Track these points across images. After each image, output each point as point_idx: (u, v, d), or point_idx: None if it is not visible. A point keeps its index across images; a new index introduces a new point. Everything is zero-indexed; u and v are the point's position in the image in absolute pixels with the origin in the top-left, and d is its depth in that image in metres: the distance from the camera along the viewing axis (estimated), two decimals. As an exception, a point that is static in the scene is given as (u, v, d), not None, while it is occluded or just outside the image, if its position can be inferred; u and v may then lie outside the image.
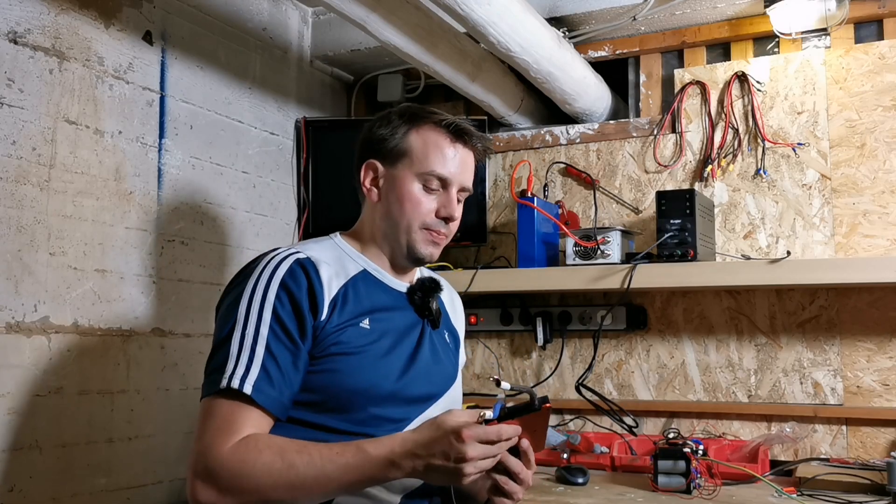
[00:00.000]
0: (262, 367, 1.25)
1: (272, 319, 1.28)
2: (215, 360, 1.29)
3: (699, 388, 2.40)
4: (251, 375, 1.24)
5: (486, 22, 1.94)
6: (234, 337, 1.28)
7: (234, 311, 1.30)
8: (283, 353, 1.28)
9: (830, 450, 2.21)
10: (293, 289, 1.31)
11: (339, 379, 1.32)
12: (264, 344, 1.27)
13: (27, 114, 1.86)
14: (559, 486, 2.04)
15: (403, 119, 1.44)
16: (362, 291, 1.40)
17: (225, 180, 2.41)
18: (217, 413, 1.25)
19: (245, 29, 2.51)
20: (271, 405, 1.25)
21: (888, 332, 2.20)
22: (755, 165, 2.37)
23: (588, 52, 2.57)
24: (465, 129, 1.45)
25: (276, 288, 1.30)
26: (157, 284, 2.17)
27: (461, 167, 1.44)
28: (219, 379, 1.25)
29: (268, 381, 1.25)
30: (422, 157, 1.42)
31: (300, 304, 1.30)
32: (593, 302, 2.53)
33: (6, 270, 1.80)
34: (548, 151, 2.66)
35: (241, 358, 1.26)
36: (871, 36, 2.30)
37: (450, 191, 1.43)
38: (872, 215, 2.24)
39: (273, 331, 1.28)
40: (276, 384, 1.26)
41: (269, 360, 1.26)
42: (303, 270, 1.33)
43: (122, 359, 2.06)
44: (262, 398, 1.24)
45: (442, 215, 1.43)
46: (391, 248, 1.46)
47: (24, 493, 1.80)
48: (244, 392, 1.23)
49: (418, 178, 1.42)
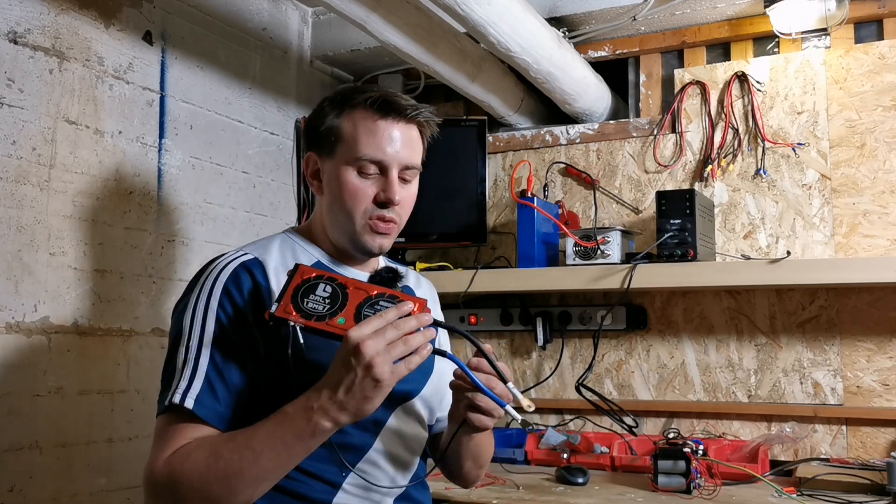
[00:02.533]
0: (206, 380, 1.19)
1: (216, 328, 1.22)
2: (163, 377, 1.24)
3: (699, 388, 2.40)
4: (193, 389, 1.18)
5: (486, 22, 1.94)
6: (179, 352, 1.22)
7: (180, 324, 1.25)
8: (227, 365, 1.21)
9: (830, 450, 2.21)
10: (235, 295, 1.24)
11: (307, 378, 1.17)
12: (208, 355, 1.20)
13: (27, 114, 1.86)
14: (559, 486, 2.04)
15: (333, 105, 1.34)
16: None
17: (225, 180, 2.41)
18: (158, 431, 1.20)
19: (245, 29, 2.51)
20: (213, 418, 1.18)
21: (888, 332, 2.20)
22: (755, 165, 2.37)
23: (588, 52, 2.57)
24: (393, 103, 1.31)
25: (218, 295, 1.24)
26: (157, 284, 2.17)
27: (398, 144, 1.31)
28: (164, 397, 1.20)
29: (211, 393, 1.18)
30: (352, 141, 1.30)
31: (244, 310, 1.23)
32: (593, 302, 2.53)
33: (6, 270, 1.80)
34: (548, 151, 2.66)
35: (185, 372, 1.20)
36: (871, 36, 2.30)
37: (389, 173, 1.31)
38: (872, 215, 2.24)
39: (217, 341, 1.21)
40: (221, 397, 1.19)
41: (214, 372, 1.20)
42: (247, 272, 1.26)
43: (122, 359, 2.06)
44: (203, 411, 1.17)
45: (380, 200, 1.31)
46: (340, 240, 1.36)
47: (24, 493, 1.80)
48: (185, 406, 1.17)
49: (352, 165, 1.30)
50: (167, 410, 1.20)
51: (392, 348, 1.09)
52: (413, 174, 1.36)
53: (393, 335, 1.09)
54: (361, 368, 1.07)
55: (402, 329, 1.10)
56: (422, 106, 1.35)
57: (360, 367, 1.07)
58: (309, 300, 1.17)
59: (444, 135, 1.44)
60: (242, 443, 1.14)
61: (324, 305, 1.16)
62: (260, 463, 1.12)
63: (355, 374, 1.08)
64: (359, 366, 1.07)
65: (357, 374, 1.08)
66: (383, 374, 1.07)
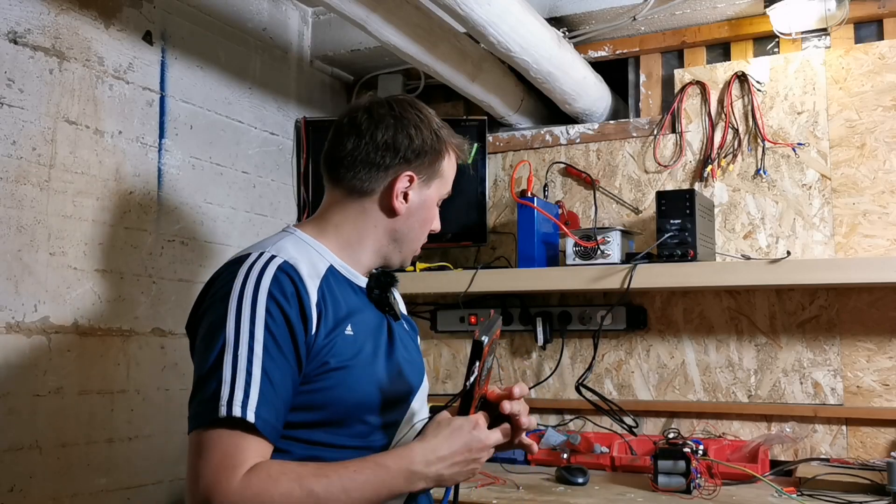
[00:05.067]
0: (261, 392, 1.14)
1: (265, 336, 1.17)
2: (206, 387, 1.15)
3: (699, 388, 2.40)
4: (251, 401, 1.13)
5: (486, 22, 1.94)
6: (226, 360, 1.15)
7: (221, 332, 1.18)
8: (278, 374, 1.17)
9: (830, 450, 2.21)
10: (281, 301, 1.20)
11: (337, 394, 1.24)
12: (260, 365, 1.16)
13: (27, 114, 1.86)
14: (559, 486, 2.04)
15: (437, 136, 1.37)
16: (336, 291, 1.30)
17: (225, 180, 2.41)
18: (216, 445, 1.12)
19: (245, 29, 2.51)
20: (270, 432, 1.15)
21: (888, 332, 2.20)
22: (755, 165, 2.37)
23: (588, 52, 2.57)
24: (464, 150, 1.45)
25: (264, 301, 1.19)
26: (157, 284, 2.17)
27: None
28: (214, 408, 1.12)
29: (267, 406, 1.14)
30: (447, 180, 1.40)
31: (290, 317, 1.20)
32: (593, 302, 2.53)
33: (6, 270, 1.80)
34: (548, 151, 2.66)
35: (238, 382, 1.14)
36: (871, 36, 2.30)
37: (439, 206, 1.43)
38: (872, 215, 2.24)
39: (267, 350, 1.17)
40: (275, 409, 1.16)
41: (266, 383, 1.15)
42: (287, 277, 1.22)
43: (122, 359, 2.06)
44: (263, 425, 1.14)
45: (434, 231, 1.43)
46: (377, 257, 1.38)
47: (24, 493, 1.80)
48: (247, 420, 1.12)
49: (438, 199, 1.40)
50: (216, 424, 1.13)
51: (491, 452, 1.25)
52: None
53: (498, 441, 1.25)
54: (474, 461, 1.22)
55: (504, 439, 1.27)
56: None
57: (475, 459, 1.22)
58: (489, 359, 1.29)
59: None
60: (337, 485, 1.15)
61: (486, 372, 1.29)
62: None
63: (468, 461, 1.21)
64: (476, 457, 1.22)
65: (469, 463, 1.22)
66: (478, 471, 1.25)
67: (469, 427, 1.21)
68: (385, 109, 1.35)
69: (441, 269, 2.50)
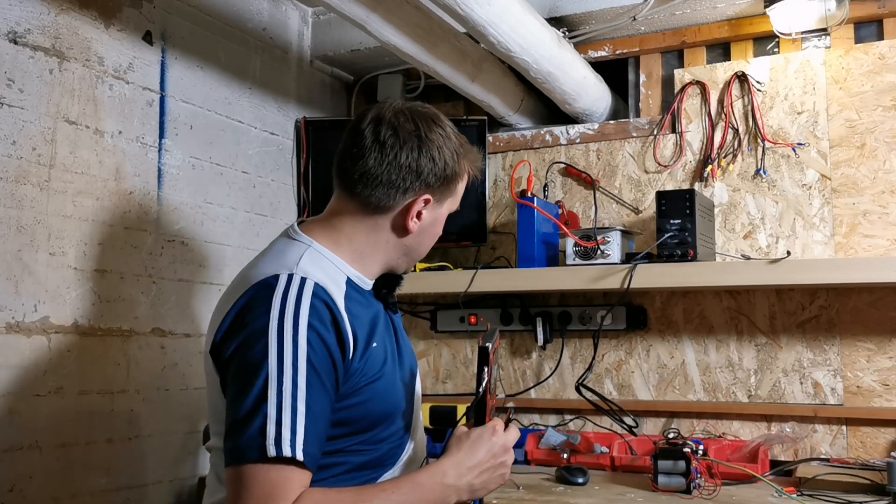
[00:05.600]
0: (307, 429, 1.14)
1: (308, 370, 1.16)
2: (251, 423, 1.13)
3: (699, 388, 2.40)
4: (299, 439, 1.13)
5: (486, 22, 1.94)
6: (270, 396, 1.14)
7: (264, 366, 1.16)
8: (319, 407, 1.18)
9: (830, 450, 2.21)
10: (321, 331, 1.19)
11: (370, 408, 1.28)
12: (304, 400, 1.15)
13: (27, 114, 1.86)
14: (559, 486, 2.04)
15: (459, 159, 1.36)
16: (357, 304, 1.30)
17: (225, 180, 2.41)
18: (263, 480, 1.12)
19: (245, 29, 2.51)
20: (313, 464, 1.16)
21: (888, 332, 2.20)
22: (755, 165, 2.37)
23: (588, 52, 2.57)
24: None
25: (305, 333, 1.18)
26: (157, 284, 2.17)
27: None
28: (261, 445, 1.12)
29: (312, 440, 1.15)
30: (459, 197, 1.42)
31: (329, 346, 1.20)
32: (593, 302, 2.53)
33: (6, 270, 1.80)
34: (548, 151, 2.65)
35: (284, 420, 1.13)
36: (871, 36, 2.30)
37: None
38: (872, 215, 2.24)
39: (310, 384, 1.16)
40: (318, 441, 1.17)
41: (311, 417, 1.16)
42: (324, 304, 1.22)
43: (122, 359, 2.06)
44: (310, 461, 1.15)
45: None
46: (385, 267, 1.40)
47: (24, 493, 1.80)
48: (297, 459, 1.12)
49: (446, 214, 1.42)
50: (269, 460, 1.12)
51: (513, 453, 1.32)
52: None
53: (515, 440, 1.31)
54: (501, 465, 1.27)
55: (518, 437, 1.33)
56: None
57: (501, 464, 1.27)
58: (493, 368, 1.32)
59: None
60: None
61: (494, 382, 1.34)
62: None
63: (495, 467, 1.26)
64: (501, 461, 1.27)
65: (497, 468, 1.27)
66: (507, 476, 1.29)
67: (489, 434, 1.26)
68: (411, 127, 1.31)
69: (441, 269, 2.50)
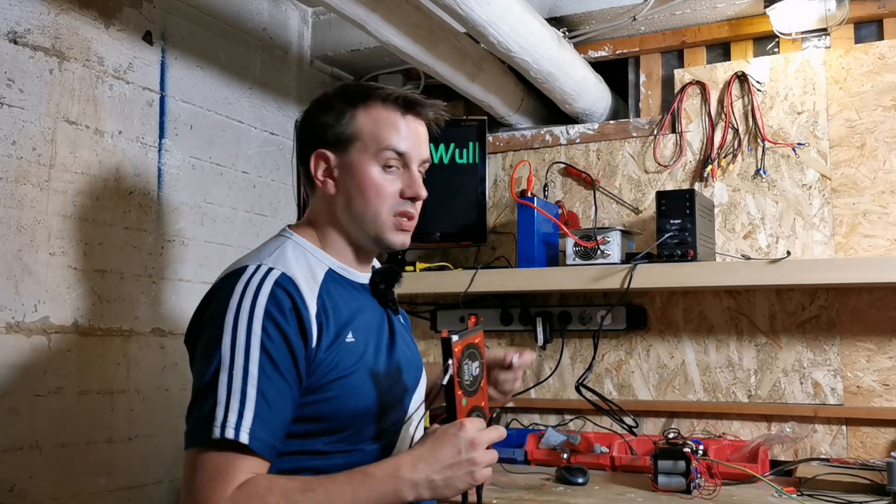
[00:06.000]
0: (256, 413, 1.14)
1: (261, 356, 1.16)
2: (201, 406, 1.16)
3: (699, 388, 2.40)
4: (245, 423, 1.13)
5: (486, 22, 1.94)
6: (221, 380, 1.15)
7: (217, 350, 1.17)
8: (275, 393, 1.16)
9: (830, 450, 2.21)
10: (279, 318, 1.19)
11: (340, 404, 1.24)
12: (255, 386, 1.15)
13: (27, 114, 1.86)
14: (559, 486, 2.04)
15: (346, 101, 1.32)
16: (336, 296, 1.29)
17: (225, 180, 2.41)
18: (209, 464, 1.13)
19: (245, 29, 2.51)
20: (266, 451, 1.15)
21: (888, 332, 2.20)
22: (755, 165, 2.37)
23: (588, 52, 2.57)
24: (414, 99, 1.34)
25: (260, 319, 1.18)
26: (157, 284, 2.17)
27: (417, 140, 1.34)
28: (208, 428, 1.13)
29: (262, 426, 1.14)
30: (375, 136, 1.30)
31: (288, 334, 1.19)
32: (593, 302, 2.53)
33: (6, 270, 1.80)
34: (548, 151, 2.66)
35: (232, 403, 1.13)
36: (871, 36, 2.30)
37: (411, 167, 1.33)
38: (872, 215, 2.24)
39: (263, 370, 1.16)
40: (270, 428, 1.16)
41: (262, 403, 1.15)
42: (284, 291, 1.21)
43: (122, 359, 2.06)
44: (258, 445, 1.14)
45: (408, 195, 1.32)
46: (357, 240, 1.34)
47: (24, 493, 1.80)
48: (241, 442, 1.12)
49: (376, 160, 1.30)
50: (211, 445, 1.13)
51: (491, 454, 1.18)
52: (425, 168, 1.38)
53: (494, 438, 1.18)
54: (467, 462, 1.15)
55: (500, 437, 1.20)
56: (436, 104, 1.38)
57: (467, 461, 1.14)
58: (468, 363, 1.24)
59: (445, 135, 1.44)
60: (324, 497, 1.13)
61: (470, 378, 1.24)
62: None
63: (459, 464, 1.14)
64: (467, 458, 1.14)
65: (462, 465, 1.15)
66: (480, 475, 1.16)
67: (454, 430, 1.16)
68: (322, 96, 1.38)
69: (441, 269, 2.50)
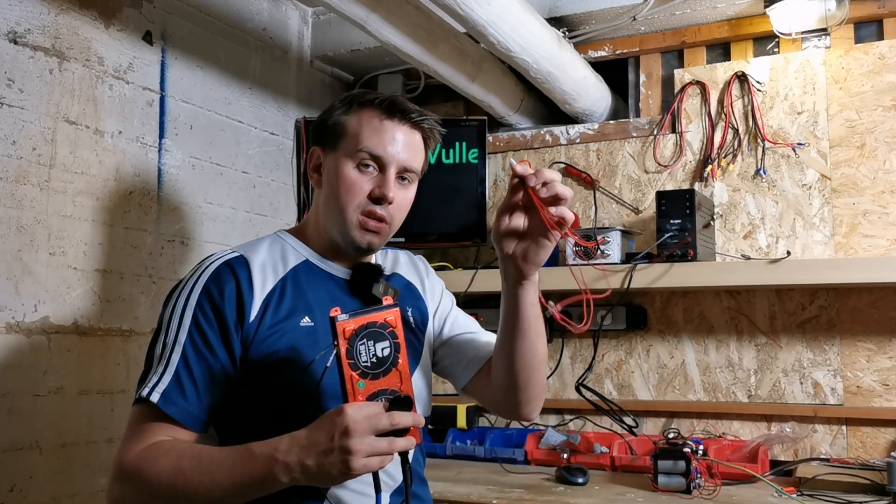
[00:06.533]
0: (175, 377, 1.22)
1: (191, 326, 1.25)
2: (143, 370, 1.28)
3: (699, 388, 2.40)
4: (161, 385, 1.21)
5: (486, 22, 1.94)
6: (156, 349, 1.26)
7: (160, 320, 1.29)
8: (199, 364, 1.24)
9: (830, 450, 2.21)
10: (214, 294, 1.26)
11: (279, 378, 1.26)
12: (180, 353, 1.23)
13: (27, 114, 1.86)
14: (559, 486, 2.04)
15: (343, 103, 1.38)
16: (303, 283, 1.33)
17: (225, 180, 2.41)
18: (131, 421, 1.24)
19: (245, 29, 2.51)
20: (183, 417, 1.21)
21: (888, 332, 2.20)
22: (755, 165, 2.37)
23: (588, 52, 2.57)
24: (399, 105, 1.35)
25: (197, 294, 1.27)
26: (157, 284, 2.17)
27: (400, 146, 1.34)
28: (138, 389, 1.24)
29: (179, 391, 1.22)
30: (355, 136, 1.33)
31: (222, 310, 1.26)
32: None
33: (6, 270, 1.80)
34: (548, 151, 2.66)
35: (158, 367, 1.23)
36: (871, 36, 2.30)
37: (387, 171, 1.33)
38: (872, 215, 2.24)
39: (191, 339, 1.24)
40: (189, 395, 1.22)
41: (184, 370, 1.23)
42: (230, 271, 1.29)
43: (122, 359, 2.06)
44: (171, 408, 1.21)
45: (375, 196, 1.32)
46: (333, 234, 1.36)
47: (24, 493, 1.80)
48: (151, 401, 1.20)
49: (352, 159, 1.33)
50: (139, 402, 1.23)
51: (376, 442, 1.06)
52: (412, 178, 1.38)
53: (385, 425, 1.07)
54: (340, 450, 1.05)
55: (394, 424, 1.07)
56: (428, 114, 1.39)
57: (339, 448, 1.05)
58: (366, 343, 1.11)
59: (445, 135, 1.45)
60: (205, 466, 1.16)
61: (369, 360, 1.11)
62: (213, 494, 1.15)
63: (332, 450, 1.06)
64: (340, 445, 1.05)
65: (334, 452, 1.06)
66: (356, 465, 1.05)
67: (333, 414, 1.07)
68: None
69: (441, 269, 2.50)
